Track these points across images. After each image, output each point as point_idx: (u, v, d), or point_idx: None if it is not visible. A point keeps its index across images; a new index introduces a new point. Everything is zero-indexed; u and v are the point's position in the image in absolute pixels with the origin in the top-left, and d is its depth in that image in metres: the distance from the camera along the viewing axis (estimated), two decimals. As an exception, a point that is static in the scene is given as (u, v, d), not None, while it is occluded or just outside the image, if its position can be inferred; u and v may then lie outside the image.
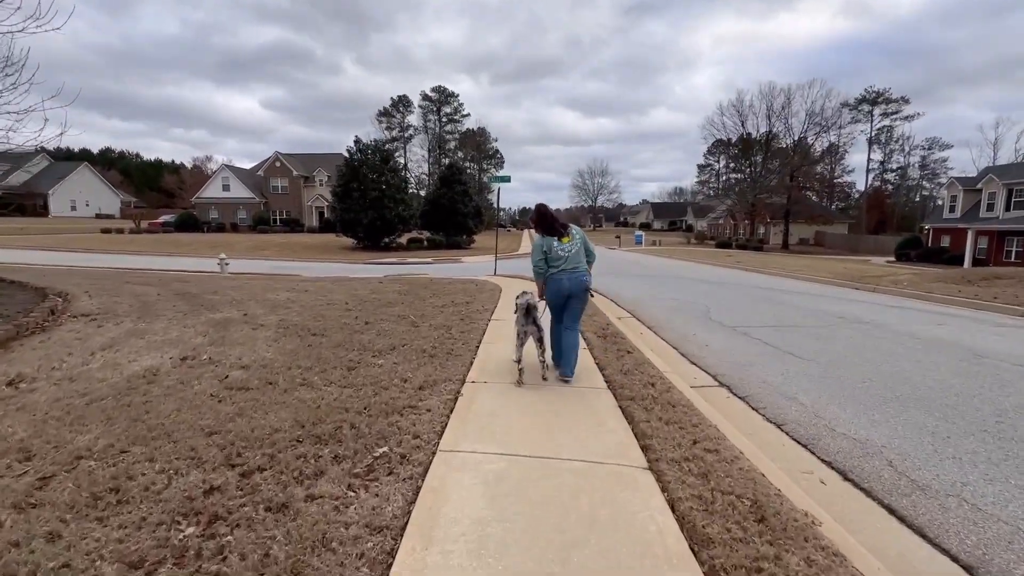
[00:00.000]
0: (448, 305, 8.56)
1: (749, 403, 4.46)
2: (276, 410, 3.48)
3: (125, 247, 29.70)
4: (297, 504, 2.32)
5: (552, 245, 4.41)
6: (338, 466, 2.69)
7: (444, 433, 3.20)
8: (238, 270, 18.12)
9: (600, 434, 3.31)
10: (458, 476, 2.67)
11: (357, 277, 15.09)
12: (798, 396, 4.59)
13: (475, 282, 12.52)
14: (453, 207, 35.15)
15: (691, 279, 15.82)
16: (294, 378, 4.23)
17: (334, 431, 3.12)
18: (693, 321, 8.42)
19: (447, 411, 3.58)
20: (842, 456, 3.38)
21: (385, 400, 3.71)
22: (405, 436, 3.09)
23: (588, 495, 2.53)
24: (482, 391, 4.10)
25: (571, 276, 4.38)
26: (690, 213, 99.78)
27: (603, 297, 11.21)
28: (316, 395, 3.82)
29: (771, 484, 2.68)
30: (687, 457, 2.90)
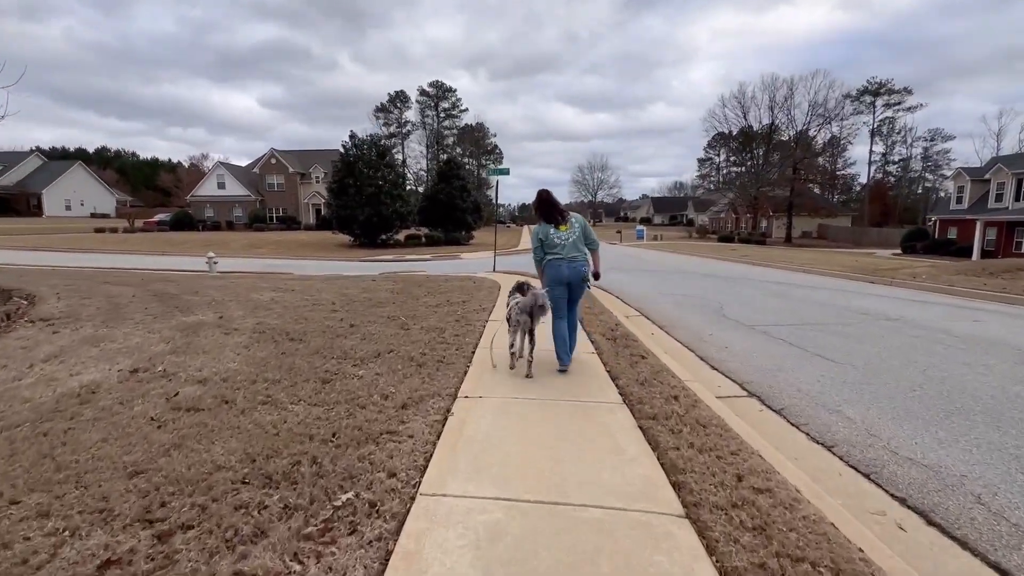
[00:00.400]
0: (443, 305, 7.94)
1: (787, 418, 3.84)
2: (225, 439, 2.86)
3: (117, 247, 29.07)
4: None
5: (548, 232, 4.40)
6: (286, 523, 2.07)
7: (428, 468, 2.59)
8: (229, 269, 17.49)
9: (619, 465, 2.69)
10: (441, 534, 2.06)
11: (350, 275, 14.47)
12: (843, 408, 3.97)
13: (473, 279, 11.90)
14: (451, 203, 34.47)
15: (697, 274, 15.19)
16: (256, 395, 3.61)
17: (290, 468, 2.51)
18: (707, 319, 7.80)
19: (433, 437, 2.97)
20: (916, 490, 2.77)
21: (359, 423, 3.09)
22: (378, 475, 2.47)
23: (610, 559, 1.92)
24: (476, 409, 3.48)
25: (570, 265, 4.35)
26: (691, 207, 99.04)
27: (609, 294, 10.59)
28: (278, 417, 3.20)
29: (848, 540, 2.07)
30: (735, 502, 2.28)
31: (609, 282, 12.57)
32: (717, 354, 5.72)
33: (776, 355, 5.59)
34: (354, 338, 5.50)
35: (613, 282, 12.62)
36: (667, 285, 12.21)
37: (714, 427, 3.19)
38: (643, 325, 7.48)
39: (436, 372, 4.24)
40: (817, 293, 10.75)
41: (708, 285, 12.15)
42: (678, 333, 6.92)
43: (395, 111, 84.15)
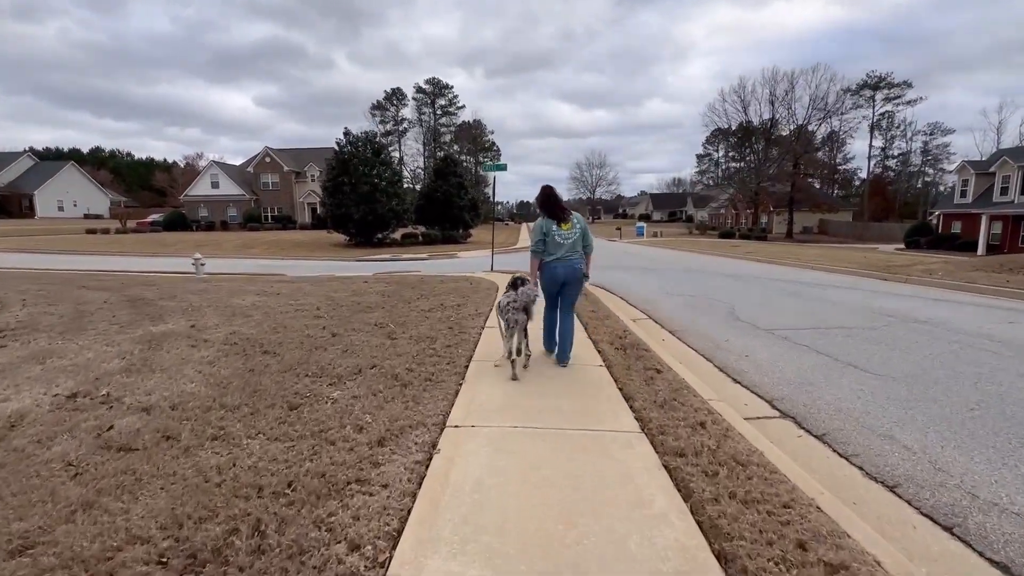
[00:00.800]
0: (436, 309, 7.37)
1: (832, 446, 3.29)
2: (153, 492, 2.30)
3: (107, 248, 28.45)
4: None
5: (552, 229, 4.40)
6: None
7: (402, 535, 2.03)
8: (219, 270, 16.92)
9: (647, 526, 2.13)
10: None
11: (343, 276, 13.90)
12: (895, 433, 3.42)
13: (469, 280, 11.33)
14: (448, 200, 33.89)
15: (703, 272, 14.63)
16: (207, 427, 3.04)
17: (222, 542, 1.94)
18: (720, 323, 7.24)
19: (413, 485, 2.41)
20: (1018, 551, 2.22)
21: (323, 467, 2.53)
22: (336, 550, 1.91)
23: None
24: (468, 443, 2.91)
25: (565, 265, 4.39)
26: (690, 203, 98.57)
27: (613, 295, 10.03)
28: (227, 458, 2.64)
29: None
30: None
31: (612, 281, 12.01)
32: (737, 364, 5.16)
33: (803, 365, 5.04)
34: (335, 350, 4.93)
35: (616, 281, 12.05)
36: (673, 284, 11.65)
37: (755, 467, 2.63)
38: (652, 330, 6.92)
39: (423, 393, 3.68)
40: (832, 292, 10.20)
41: (715, 284, 11.59)
42: (691, 339, 6.37)
43: (391, 109, 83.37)
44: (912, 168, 77.91)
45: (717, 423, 3.23)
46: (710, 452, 2.77)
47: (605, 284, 11.59)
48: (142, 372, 4.18)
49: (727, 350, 5.72)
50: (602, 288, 10.93)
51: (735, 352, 5.61)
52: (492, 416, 3.34)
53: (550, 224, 4.38)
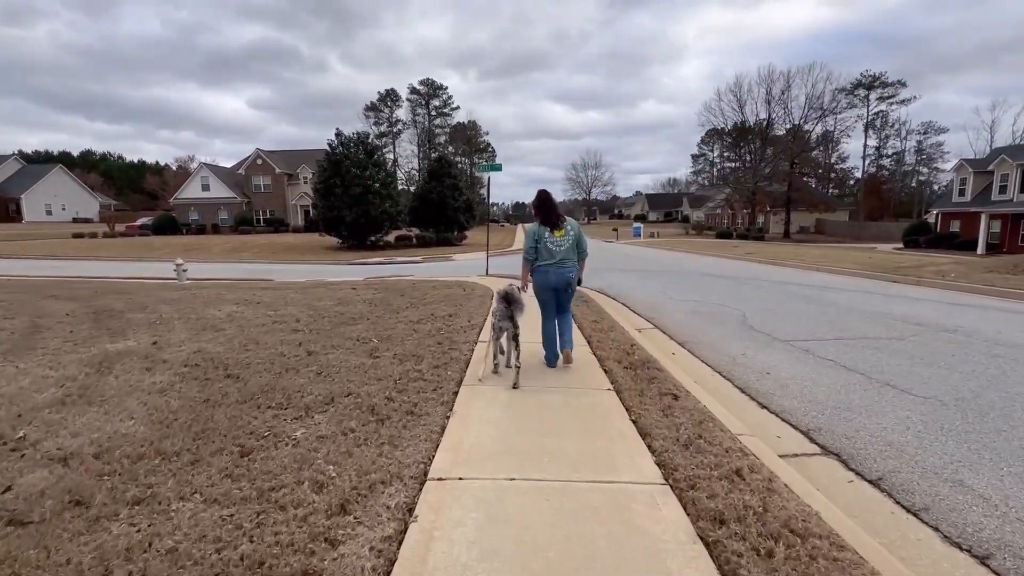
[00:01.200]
0: (426, 320, 6.80)
1: (892, 495, 2.73)
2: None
3: (92, 252, 27.70)
4: None
5: (544, 236, 4.36)
6: None
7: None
8: (206, 275, 16.28)
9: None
10: None
11: (333, 281, 13.32)
12: (963, 477, 2.88)
13: (463, 285, 10.76)
14: (443, 202, 33.28)
15: (704, 274, 14.12)
16: (132, 484, 2.46)
17: None
18: (732, 332, 6.71)
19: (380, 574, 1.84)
20: None
21: (265, 550, 1.95)
22: None
23: None
24: (453, 506, 2.34)
25: (557, 271, 4.38)
26: (686, 204, 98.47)
27: (615, 301, 9.48)
28: (142, 537, 2.05)
29: None
30: None
31: (613, 286, 11.47)
32: (760, 384, 4.62)
33: (835, 385, 4.50)
34: (307, 373, 4.35)
35: (617, 286, 11.51)
36: (676, 289, 11.12)
37: (817, 539, 2.07)
38: (660, 341, 6.37)
39: (402, 432, 3.10)
40: (844, 296, 9.70)
41: (720, 288, 11.07)
42: (704, 352, 5.82)
43: (385, 110, 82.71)
44: (906, 167, 78.00)
45: (755, 469, 2.67)
46: (756, 516, 2.21)
47: (606, 289, 11.04)
48: (77, 405, 3.59)
49: (746, 366, 5.18)
50: (603, 294, 10.39)
51: (755, 368, 5.07)
52: (484, 462, 2.77)
53: (543, 231, 4.36)
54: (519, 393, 3.92)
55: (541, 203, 4.44)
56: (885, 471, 2.97)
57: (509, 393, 3.92)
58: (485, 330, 6.09)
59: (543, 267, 4.38)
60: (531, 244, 4.41)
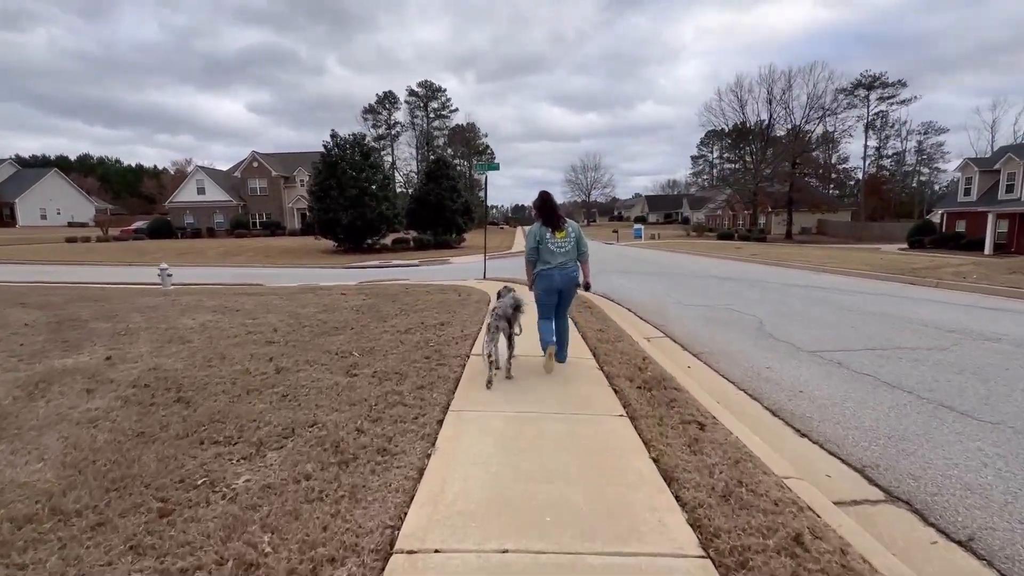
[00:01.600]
0: (414, 329, 6.20)
1: (997, 567, 2.13)
2: None
3: (82, 257, 27.11)
4: None
5: (545, 237, 4.34)
6: None
7: None
8: (197, 280, 15.72)
9: None
10: None
11: (325, 286, 12.74)
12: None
13: (459, 290, 10.17)
14: (441, 204, 32.71)
15: (711, 276, 13.53)
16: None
17: None
18: (751, 341, 6.11)
19: None
20: None
21: None
22: None
23: None
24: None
25: (561, 272, 4.37)
26: (686, 205, 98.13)
27: (619, 306, 8.89)
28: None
29: None
30: None
31: (616, 289, 10.87)
32: (793, 405, 4.01)
33: (881, 407, 3.89)
34: (271, 395, 3.75)
35: (620, 289, 10.92)
36: (684, 292, 10.53)
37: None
38: (673, 352, 5.78)
39: (369, 478, 2.50)
40: (861, 300, 9.11)
41: (730, 291, 10.49)
42: (723, 365, 5.22)
43: (383, 112, 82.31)
44: (907, 168, 77.57)
45: (819, 533, 2.07)
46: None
47: (609, 293, 10.45)
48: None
49: (773, 381, 4.58)
50: (606, 298, 9.80)
51: (784, 385, 4.47)
52: (469, 523, 2.16)
53: (544, 232, 4.35)
54: (516, 420, 3.32)
55: (543, 204, 4.43)
56: (975, 528, 2.37)
57: (504, 420, 3.32)
58: (478, 341, 5.49)
59: (546, 271, 4.37)
60: (533, 245, 4.39)
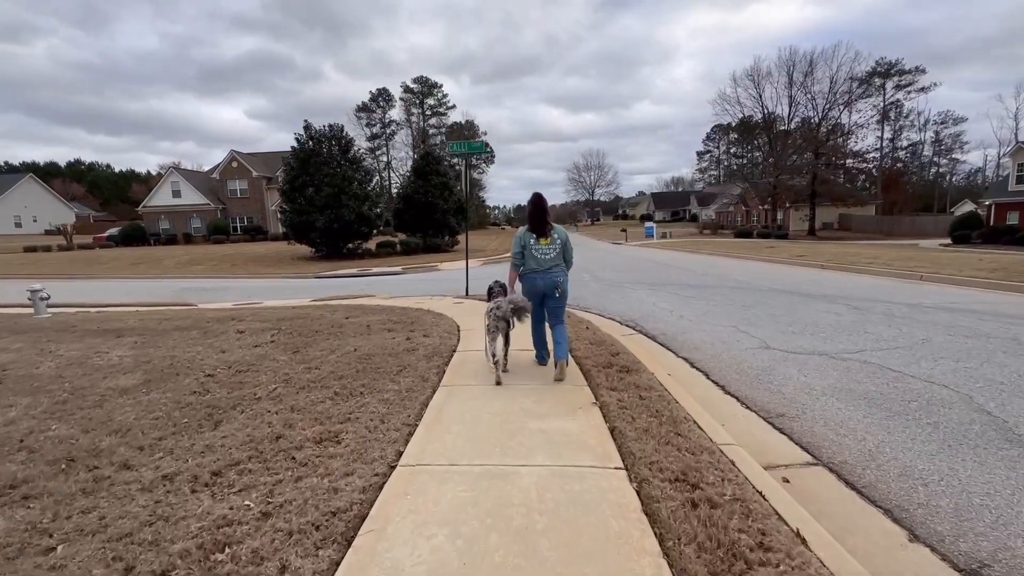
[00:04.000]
0: (340, 398, 2.82)
1: None
2: None
3: (20, 270, 23.86)
4: None
5: (529, 243, 4.34)
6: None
7: None
8: (110, 300, 12.46)
9: None
10: None
11: (267, 306, 9.46)
12: None
13: (417, 323, 6.80)
14: (430, 203, 29.39)
15: (774, 290, 10.09)
16: None
17: None
18: (1001, 463, 2.72)
19: None
20: None
21: None
22: None
23: None
24: None
25: (544, 276, 4.33)
26: (693, 202, 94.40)
27: (663, 349, 5.45)
28: None
29: None
30: None
31: (648, 316, 7.45)
32: None
33: None
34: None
35: (653, 314, 7.51)
36: (756, 319, 7.10)
37: None
38: (851, 521, 2.38)
39: None
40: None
41: (827, 317, 7.06)
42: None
43: (378, 110, 79.22)
44: (923, 159, 73.75)
45: None
46: None
47: (639, 321, 7.07)
48: None
49: None
50: (636, 329, 6.44)
51: None
52: None
53: (529, 237, 4.34)
54: None
55: (534, 208, 4.38)
56: None
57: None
58: (424, 422, 2.08)
59: (530, 275, 4.34)
60: (518, 250, 4.39)
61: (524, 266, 4.35)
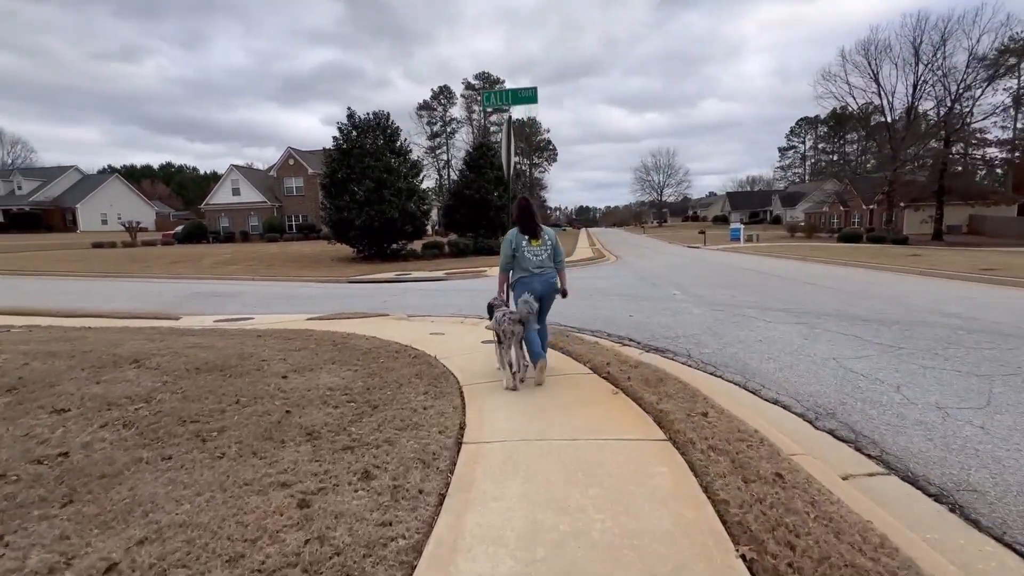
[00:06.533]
0: None
1: None
2: None
3: (67, 267, 23.29)
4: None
5: (521, 244, 4.30)
6: None
7: None
8: (95, 310, 10.34)
9: None
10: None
11: (249, 327, 6.65)
12: None
13: (432, 368, 3.45)
14: (483, 200, 26.39)
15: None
16: None
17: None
18: None
19: None
20: None
21: None
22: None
23: None
24: None
25: (541, 279, 4.28)
26: (776, 202, 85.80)
27: None
28: None
29: None
30: None
31: (835, 389, 3.48)
32: None
33: None
34: None
35: (862, 394, 3.61)
36: None
37: None
38: None
39: None
40: None
41: None
42: None
43: (439, 108, 78.16)
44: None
45: None
46: None
47: (839, 411, 3.24)
48: None
49: None
50: (858, 448, 2.64)
51: None
52: None
53: (520, 239, 4.30)
54: None
55: (521, 211, 4.36)
56: None
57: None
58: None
59: (525, 278, 4.28)
60: (509, 253, 4.32)
61: (517, 268, 4.31)
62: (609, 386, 4.10)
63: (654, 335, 6.38)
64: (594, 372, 4.52)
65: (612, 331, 6.75)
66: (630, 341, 6.17)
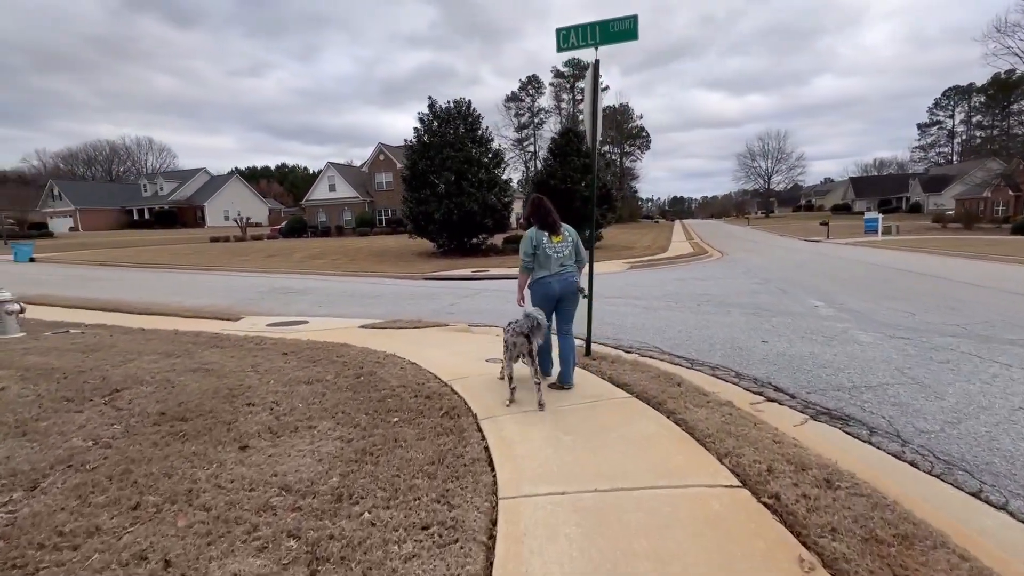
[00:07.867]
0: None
1: None
2: None
3: (185, 259, 25.24)
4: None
5: (542, 241, 4.07)
6: None
7: None
8: (179, 297, 10.22)
9: None
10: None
11: (291, 337, 5.73)
12: None
13: (463, 430, 1.79)
14: (569, 190, 24.36)
15: None
16: None
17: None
18: None
19: None
20: None
21: None
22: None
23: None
24: None
25: (561, 279, 4.08)
26: (915, 187, 73.77)
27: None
28: None
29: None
30: None
31: None
32: None
33: None
34: None
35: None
36: None
37: None
38: None
39: None
40: None
41: None
42: None
43: (527, 99, 76.78)
44: None
45: None
46: None
47: None
48: None
49: None
50: None
51: None
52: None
53: (541, 236, 4.06)
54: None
55: (536, 208, 4.13)
56: None
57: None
58: None
59: (545, 278, 4.05)
60: (530, 251, 4.07)
61: (537, 267, 4.08)
62: (792, 539, 2.07)
63: (812, 381, 4.23)
64: (744, 486, 2.47)
65: (742, 369, 4.68)
66: (776, 390, 4.08)
